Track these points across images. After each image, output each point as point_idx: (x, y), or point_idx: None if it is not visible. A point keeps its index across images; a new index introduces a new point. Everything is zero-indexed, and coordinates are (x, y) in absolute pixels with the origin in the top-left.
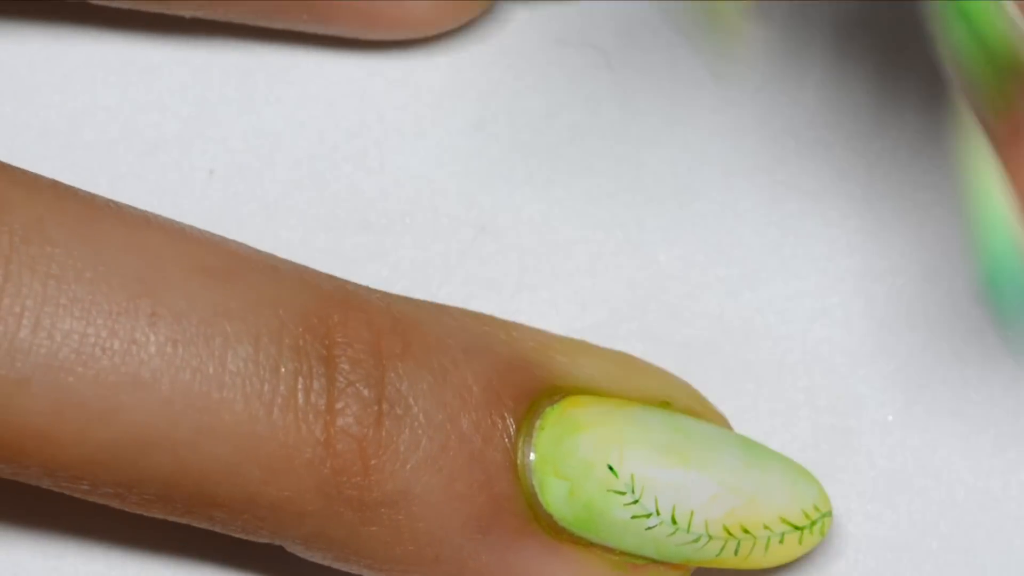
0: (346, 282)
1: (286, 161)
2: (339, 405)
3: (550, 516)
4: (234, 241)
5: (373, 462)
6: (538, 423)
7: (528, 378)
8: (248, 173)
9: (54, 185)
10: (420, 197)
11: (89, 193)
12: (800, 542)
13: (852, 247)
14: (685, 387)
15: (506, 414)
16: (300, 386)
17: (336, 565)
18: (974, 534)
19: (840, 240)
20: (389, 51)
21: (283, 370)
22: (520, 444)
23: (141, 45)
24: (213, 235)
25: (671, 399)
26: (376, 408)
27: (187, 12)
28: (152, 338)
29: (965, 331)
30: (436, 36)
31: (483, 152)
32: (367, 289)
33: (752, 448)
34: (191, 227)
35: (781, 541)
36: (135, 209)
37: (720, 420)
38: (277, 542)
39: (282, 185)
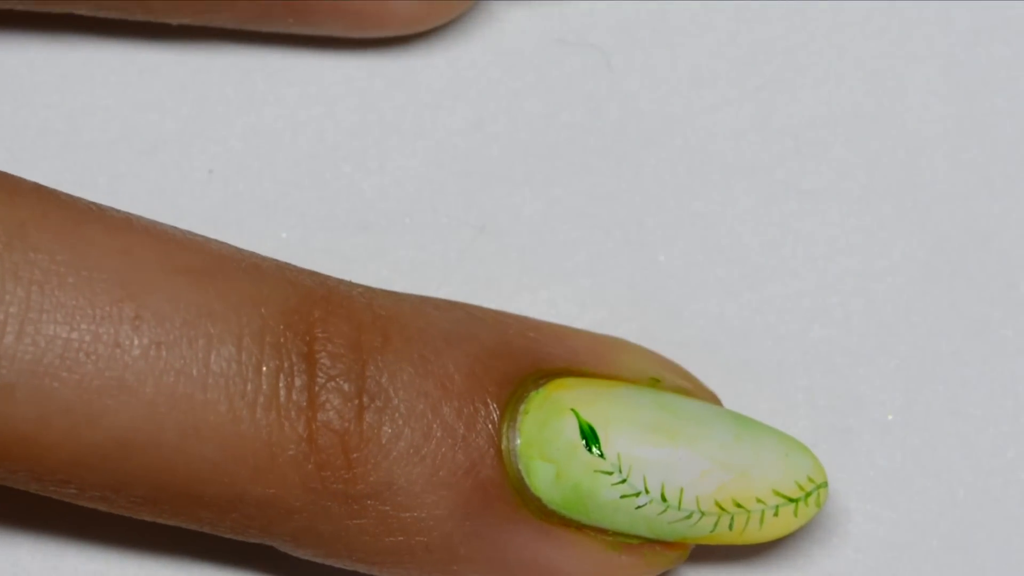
0: (327, 277)
1: (286, 161)
2: (320, 401)
3: (538, 500)
4: (215, 240)
5: (355, 455)
6: (522, 407)
7: (511, 363)
8: (248, 173)
9: (36, 189)
10: (420, 197)
11: (70, 196)
12: (796, 514)
13: (852, 247)
14: (673, 366)
15: (489, 400)
16: (282, 384)
17: (328, 561)
18: (974, 534)
19: (840, 240)
20: (389, 51)
21: (265, 369)
22: (505, 429)
23: (141, 45)
24: (194, 235)
25: (660, 377)
26: (357, 402)
27: (174, 20)
28: (136, 342)
29: (965, 331)
30: (436, 36)
31: (483, 152)
32: (348, 284)
33: (743, 422)
34: (172, 228)
35: (776, 514)
36: (117, 211)
37: (710, 397)
38: (267, 541)
39: (282, 185)
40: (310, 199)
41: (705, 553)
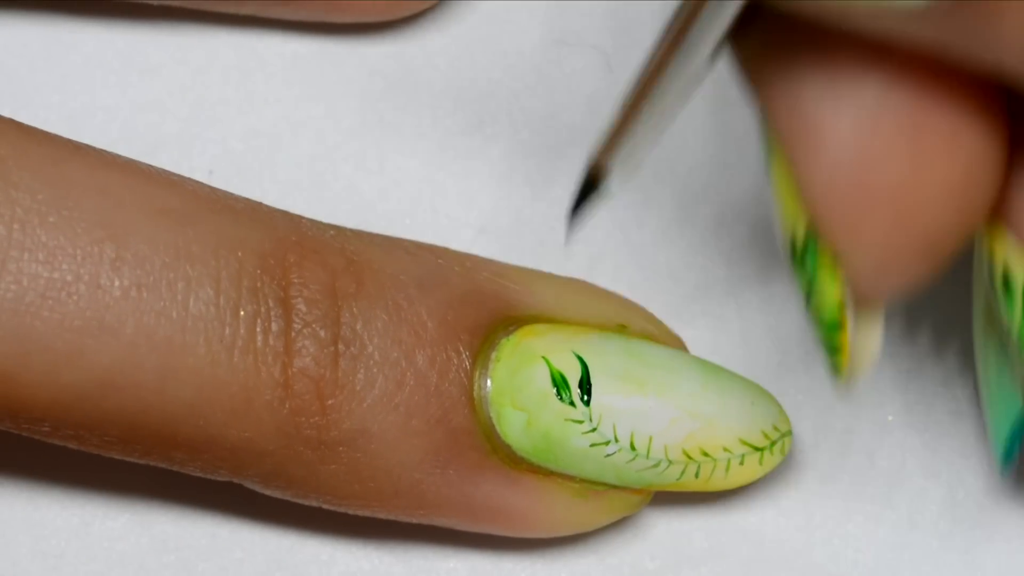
0: (300, 219)
1: (286, 161)
2: (296, 346)
3: (508, 447)
4: (192, 180)
5: (330, 402)
6: (493, 355)
7: (482, 310)
8: (248, 173)
9: (15, 126)
10: (420, 197)
11: (48, 133)
12: (760, 463)
13: None
14: (640, 310)
15: (461, 348)
16: (259, 329)
17: (295, 500)
18: (974, 534)
19: None
20: (389, 51)
21: (243, 313)
22: (476, 377)
23: (141, 45)
24: (170, 174)
25: (627, 322)
26: (332, 349)
27: (156, 1)
28: (117, 283)
29: (965, 331)
30: (435, 36)
31: (483, 152)
32: (321, 226)
33: (710, 370)
34: (148, 166)
35: (741, 463)
36: (95, 149)
37: (677, 343)
38: (236, 480)
39: (282, 185)
40: (310, 199)
41: (705, 552)
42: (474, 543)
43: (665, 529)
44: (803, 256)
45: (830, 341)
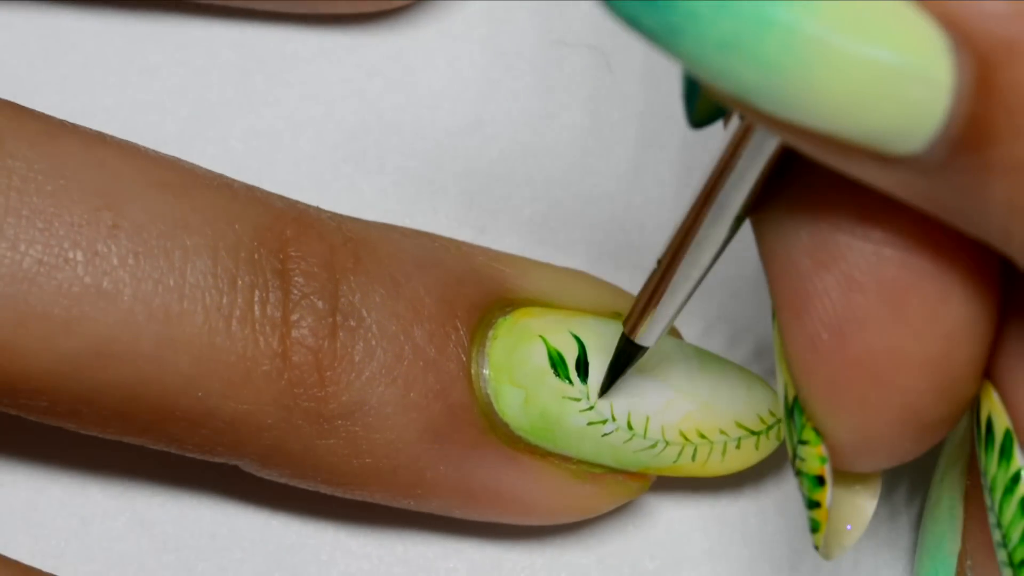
0: (296, 201)
1: (286, 161)
2: (294, 317)
3: (506, 425)
4: (186, 161)
5: (328, 373)
6: (491, 333)
7: (479, 290)
8: (248, 173)
9: (11, 104)
10: (420, 197)
11: (43, 113)
12: (756, 447)
13: None
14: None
15: (459, 324)
16: (257, 299)
17: (293, 482)
18: None
19: None
20: (389, 51)
21: (240, 283)
22: (474, 354)
23: (141, 45)
24: (166, 154)
25: (623, 311)
26: (331, 320)
27: None
28: (114, 249)
29: None
30: (435, 36)
31: (483, 152)
32: (317, 208)
33: (706, 356)
34: (145, 147)
35: (738, 446)
36: (91, 129)
37: (672, 333)
38: (234, 460)
39: (282, 185)
40: (310, 199)
41: (705, 552)
42: (474, 543)
43: (665, 529)
44: (792, 411)
45: (811, 495)
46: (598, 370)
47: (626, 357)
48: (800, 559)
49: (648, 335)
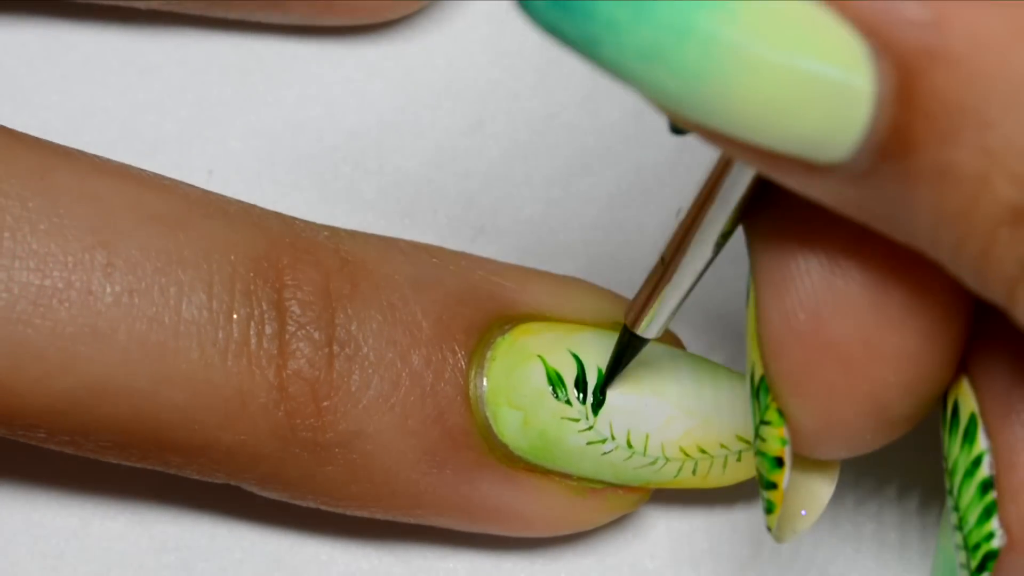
0: (293, 220)
1: (286, 161)
2: (291, 348)
3: (505, 446)
4: (182, 183)
5: (325, 403)
6: (489, 354)
7: (478, 309)
8: (248, 173)
9: (5, 132)
10: (420, 197)
11: (37, 139)
12: None
13: None
14: None
15: (456, 347)
16: (253, 331)
17: (292, 501)
18: None
19: None
20: (388, 51)
21: (236, 316)
22: (472, 376)
23: (141, 45)
24: (162, 177)
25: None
26: (327, 350)
27: (143, 5)
28: (108, 289)
29: None
30: (435, 37)
31: (483, 152)
32: (313, 226)
33: (706, 367)
34: (141, 171)
35: (739, 459)
36: (87, 155)
37: (672, 340)
38: (233, 483)
39: (282, 185)
40: (310, 199)
41: (705, 552)
42: (474, 543)
43: (665, 529)
44: (759, 391)
45: (768, 476)
46: (595, 390)
47: (627, 350)
48: (800, 559)
49: (651, 327)
